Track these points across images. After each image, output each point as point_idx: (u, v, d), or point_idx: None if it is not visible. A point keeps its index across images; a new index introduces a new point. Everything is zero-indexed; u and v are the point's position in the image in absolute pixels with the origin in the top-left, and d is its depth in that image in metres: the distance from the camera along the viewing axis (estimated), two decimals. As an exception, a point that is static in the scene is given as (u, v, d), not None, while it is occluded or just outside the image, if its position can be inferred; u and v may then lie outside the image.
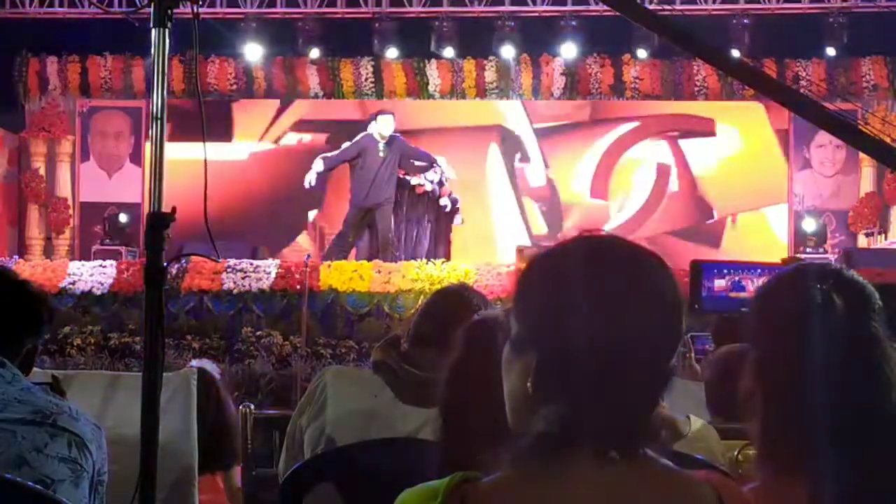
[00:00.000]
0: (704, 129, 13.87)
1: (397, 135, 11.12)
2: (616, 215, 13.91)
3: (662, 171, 14.00)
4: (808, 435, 1.67)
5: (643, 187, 13.96)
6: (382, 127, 11.00)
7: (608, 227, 13.48)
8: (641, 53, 13.54)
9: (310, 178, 11.03)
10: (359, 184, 11.03)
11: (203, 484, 2.98)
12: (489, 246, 13.44)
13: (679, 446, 2.42)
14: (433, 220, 11.60)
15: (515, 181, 14.18)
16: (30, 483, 2.15)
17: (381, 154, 10.90)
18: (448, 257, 11.06)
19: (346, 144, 11.39)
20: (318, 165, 11.04)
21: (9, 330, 2.40)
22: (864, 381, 1.69)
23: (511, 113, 14.13)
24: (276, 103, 14.33)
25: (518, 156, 14.17)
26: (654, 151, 13.96)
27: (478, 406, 1.88)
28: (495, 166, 14.19)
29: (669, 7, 13.39)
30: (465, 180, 13.38)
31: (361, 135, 11.14)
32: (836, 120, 4.10)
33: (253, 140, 14.30)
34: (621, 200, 14.00)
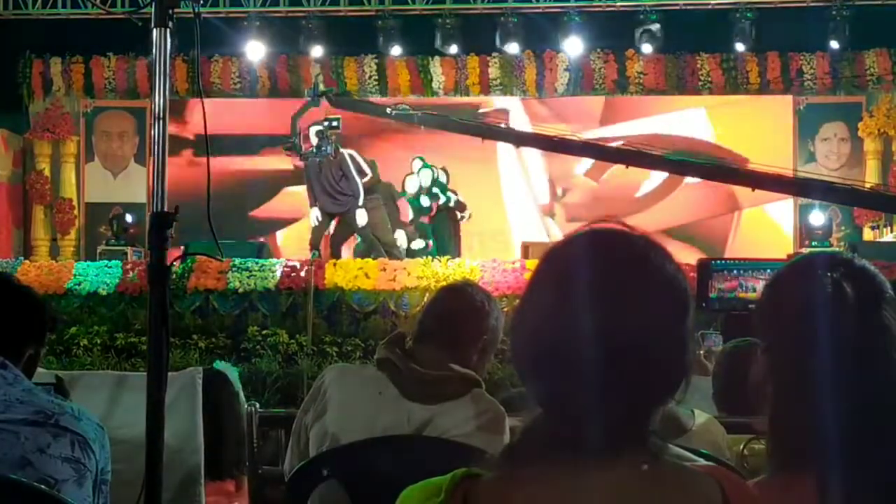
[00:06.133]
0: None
1: (322, 141, 11.21)
2: (623, 206, 13.81)
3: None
4: (818, 427, 1.65)
5: (653, 178, 13.87)
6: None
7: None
8: (646, 49, 13.49)
9: (316, 216, 11.44)
10: (315, 195, 11.42)
11: (211, 488, 2.97)
12: (505, 243, 13.38)
13: (684, 441, 2.42)
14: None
15: (528, 177, 14.13)
16: (34, 483, 2.15)
17: (318, 161, 11.21)
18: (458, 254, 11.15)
19: None
20: (312, 215, 11.45)
21: (10, 336, 2.42)
22: (876, 371, 1.67)
23: (514, 110, 14.06)
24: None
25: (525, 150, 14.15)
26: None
27: None
28: (506, 162, 14.14)
29: (674, 2, 13.40)
30: (476, 177, 13.33)
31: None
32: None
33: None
34: (629, 192, 13.93)
